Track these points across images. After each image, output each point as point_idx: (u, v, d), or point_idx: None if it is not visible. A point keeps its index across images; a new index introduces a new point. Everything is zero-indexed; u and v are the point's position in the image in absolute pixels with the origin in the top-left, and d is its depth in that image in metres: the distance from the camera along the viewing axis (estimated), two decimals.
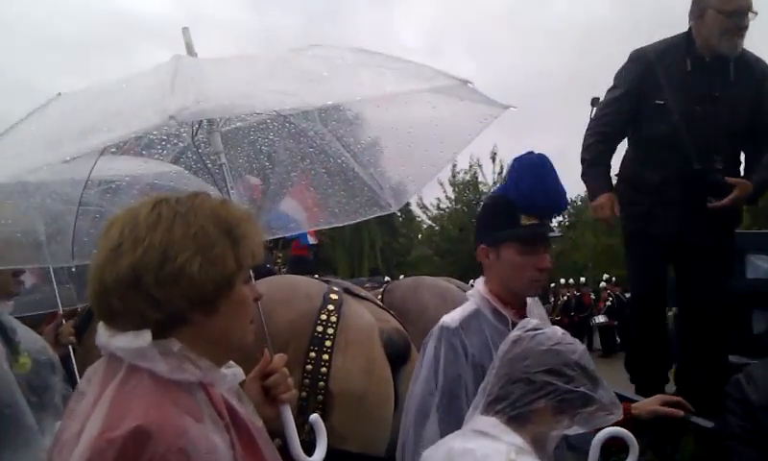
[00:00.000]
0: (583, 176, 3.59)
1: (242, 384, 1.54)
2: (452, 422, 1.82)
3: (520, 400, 1.53)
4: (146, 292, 1.22)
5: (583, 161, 3.57)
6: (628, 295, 21.99)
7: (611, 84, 3.62)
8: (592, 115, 3.62)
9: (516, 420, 1.53)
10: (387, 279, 10.22)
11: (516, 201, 2.02)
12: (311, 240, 8.02)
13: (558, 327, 1.66)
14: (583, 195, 31.42)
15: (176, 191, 1.38)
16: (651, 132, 3.42)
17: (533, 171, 2.02)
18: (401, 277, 16.11)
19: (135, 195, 2.40)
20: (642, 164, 3.48)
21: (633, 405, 2.05)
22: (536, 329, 1.62)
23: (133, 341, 1.22)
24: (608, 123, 3.55)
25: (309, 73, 1.82)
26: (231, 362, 1.45)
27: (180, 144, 2.43)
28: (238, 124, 2.45)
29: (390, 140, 2.42)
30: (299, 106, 2.02)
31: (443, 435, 1.80)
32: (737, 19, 3.21)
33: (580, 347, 1.60)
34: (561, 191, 2.04)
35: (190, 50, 2.01)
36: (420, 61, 2.09)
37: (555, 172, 2.04)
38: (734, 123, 3.34)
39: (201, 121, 2.12)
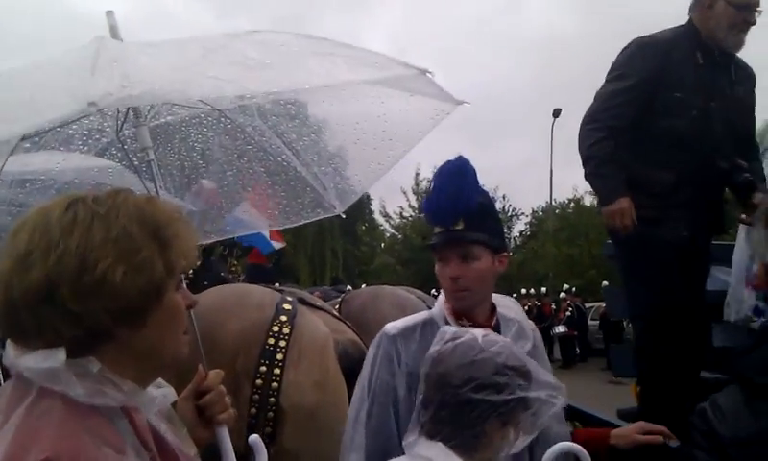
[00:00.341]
0: (590, 175, 3.22)
1: (174, 405, 1.41)
2: (377, 429, 1.82)
3: (457, 425, 1.42)
4: (61, 305, 1.07)
5: (590, 159, 3.20)
6: (588, 305, 22.44)
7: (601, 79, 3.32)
8: (593, 107, 3.26)
9: (461, 447, 1.42)
10: (349, 287, 10.09)
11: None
12: (276, 245, 7.79)
13: (478, 330, 1.54)
14: (544, 205, 31.94)
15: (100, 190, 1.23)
16: (668, 127, 3.14)
17: (433, 180, 1.97)
18: (363, 285, 16.04)
19: (53, 195, 2.20)
20: (652, 164, 3.16)
21: (612, 433, 1.95)
22: (454, 339, 1.49)
23: (45, 361, 1.08)
24: (617, 116, 3.18)
25: (250, 60, 1.68)
26: (161, 381, 1.32)
27: (104, 140, 2.23)
28: (168, 118, 2.28)
29: (335, 137, 2.29)
30: (239, 93, 1.85)
31: (367, 442, 1.81)
32: (747, 13, 3.11)
33: (504, 345, 1.49)
34: (450, 196, 1.89)
35: (114, 34, 1.83)
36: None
37: (454, 176, 1.91)
38: (738, 122, 3.24)
39: (127, 113, 1.96)
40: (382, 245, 36.17)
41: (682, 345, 3.08)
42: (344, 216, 2.53)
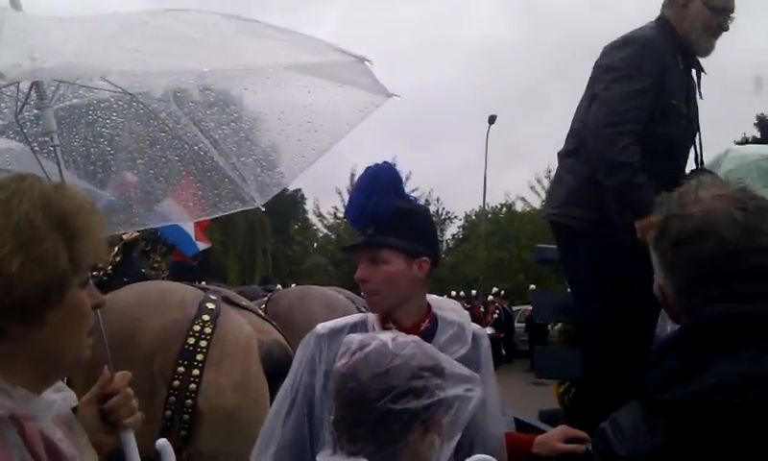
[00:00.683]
0: (623, 185, 2.90)
1: (75, 409, 1.31)
2: (293, 427, 1.84)
3: (379, 441, 1.31)
4: None
5: (621, 167, 2.89)
6: (515, 308, 22.96)
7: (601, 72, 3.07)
8: (600, 110, 2.99)
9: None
10: (279, 286, 9.94)
11: None
12: (201, 246, 7.56)
13: (386, 334, 1.45)
14: (477, 210, 32.47)
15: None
16: (663, 135, 2.99)
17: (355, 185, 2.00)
18: (293, 285, 15.83)
19: None
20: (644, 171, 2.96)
21: (535, 441, 1.96)
22: (362, 349, 1.38)
23: None
24: (635, 119, 2.91)
25: (176, 35, 1.56)
26: (61, 384, 1.22)
27: (0, 122, 2.05)
28: (74, 101, 2.11)
29: (257, 127, 2.18)
30: (168, 69, 1.72)
31: (283, 436, 1.82)
32: (722, 18, 3.02)
33: (416, 345, 1.40)
34: (362, 201, 1.92)
35: (16, 6, 1.68)
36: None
37: (368, 182, 1.93)
38: (698, 131, 3.21)
39: (28, 93, 1.79)
40: (315, 245, 35.86)
41: (632, 354, 3.01)
42: (263, 209, 2.44)
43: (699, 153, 3.24)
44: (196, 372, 2.61)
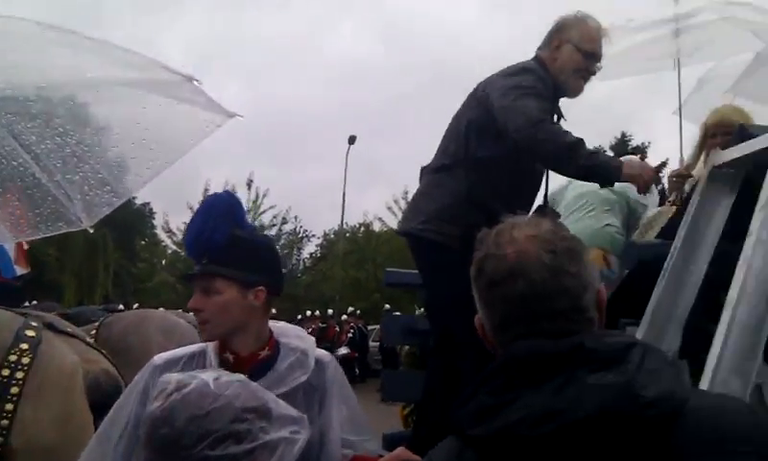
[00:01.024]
0: (589, 157, 2.93)
1: None
2: (123, 456, 1.82)
3: None
4: None
5: (575, 144, 2.91)
6: (370, 327, 23.28)
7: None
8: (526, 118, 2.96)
9: None
10: (121, 306, 9.37)
11: None
12: (19, 270, 6.89)
13: (208, 373, 1.39)
14: (336, 228, 32.67)
15: None
16: (531, 169, 3.18)
17: None
18: (135, 305, 14.99)
19: None
20: (514, 197, 3.01)
21: None
22: (179, 390, 1.30)
23: None
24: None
25: None
26: None
27: None
28: None
29: (85, 143, 2.04)
30: None
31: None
32: (590, 63, 3.18)
33: (240, 384, 1.35)
34: (197, 232, 1.93)
35: None
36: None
37: (202, 212, 1.95)
38: None
39: None
40: (163, 262, 34.21)
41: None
42: (91, 231, 2.29)
43: (546, 188, 3.40)
44: (9, 406, 2.38)
